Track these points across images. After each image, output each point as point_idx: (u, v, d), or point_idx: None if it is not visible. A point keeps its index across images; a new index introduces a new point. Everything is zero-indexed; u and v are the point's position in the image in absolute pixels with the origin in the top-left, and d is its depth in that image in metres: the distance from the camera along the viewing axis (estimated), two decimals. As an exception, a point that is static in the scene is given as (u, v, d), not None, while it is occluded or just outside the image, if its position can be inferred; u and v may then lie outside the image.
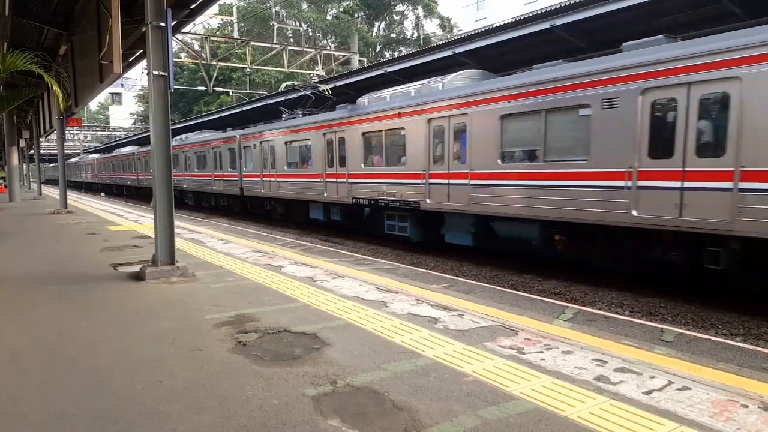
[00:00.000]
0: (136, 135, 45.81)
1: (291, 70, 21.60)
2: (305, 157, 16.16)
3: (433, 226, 11.91)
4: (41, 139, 27.21)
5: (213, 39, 20.84)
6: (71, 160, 54.97)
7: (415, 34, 48.27)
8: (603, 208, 8.06)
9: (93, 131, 59.75)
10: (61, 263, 8.27)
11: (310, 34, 46.31)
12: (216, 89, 24.78)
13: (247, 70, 29.02)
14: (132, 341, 4.38)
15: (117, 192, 39.30)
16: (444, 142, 10.92)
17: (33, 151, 33.55)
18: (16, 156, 24.87)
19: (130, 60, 14.52)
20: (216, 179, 22.19)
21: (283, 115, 18.07)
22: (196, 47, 25.28)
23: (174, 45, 11.59)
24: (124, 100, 73.68)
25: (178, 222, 9.48)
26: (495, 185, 9.85)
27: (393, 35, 49.94)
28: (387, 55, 44.88)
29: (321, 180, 15.04)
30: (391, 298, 5.86)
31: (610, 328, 5.62)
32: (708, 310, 7.28)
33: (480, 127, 10.04)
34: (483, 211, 10.19)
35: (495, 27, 13.56)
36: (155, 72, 6.73)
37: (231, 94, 32.83)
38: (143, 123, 56.91)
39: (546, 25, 10.90)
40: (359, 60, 31.55)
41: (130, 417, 3.03)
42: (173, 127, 7.34)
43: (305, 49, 23.85)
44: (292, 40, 42.19)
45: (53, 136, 23.11)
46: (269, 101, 21.52)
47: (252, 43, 21.75)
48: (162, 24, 6.70)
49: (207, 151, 22.90)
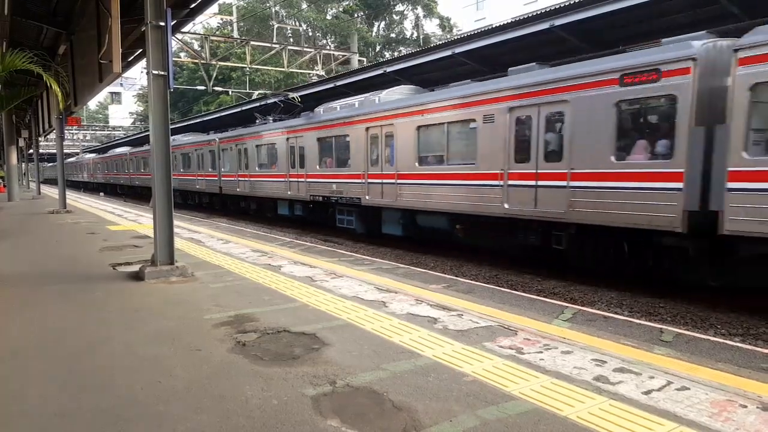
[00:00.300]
0: (134, 134, 45.73)
1: (291, 69, 21.57)
2: (273, 159, 18.10)
3: (374, 219, 13.77)
4: (40, 139, 27.15)
5: (213, 38, 20.76)
6: (70, 159, 54.87)
7: (415, 34, 48.23)
8: (486, 202, 10.04)
9: (92, 131, 59.49)
10: (61, 263, 8.27)
11: (309, 33, 46.24)
12: (215, 89, 24.73)
13: (247, 69, 28.95)
14: (131, 341, 4.38)
15: (114, 191, 39.37)
16: (378, 147, 12.98)
17: (32, 151, 33.51)
18: (15, 155, 24.87)
19: (129, 59, 14.53)
20: (199, 179, 24.23)
21: (257, 121, 19.68)
22: (195, 47, 25.15)
23: (173, 44, 11.61)
24: (123, 99, 73.45)
25: (177, 222, 9.48)
26: (414, 184, 11.86)
27: (393, 35, 49.90)
28: (387, 55, 44.82)
29: (286, 180, 17.10)
30: (391, 297, 5.86)
31: (609, 328, 5.63)
32: (707, 310, 7.29)
33: (403, 135, 12.07)
34: (407, 206, 12.21)
35: (494, 27, 13.57)
36: (155, 71, 6.73)
37: (231, 93, 32.77)
38: (142, 122, 56.83)
39: (545, 26, 10.91)
40: (359, 60, 31.44)
41: (129, 416, 3.03)
42: (171, 127, 7.35)
43: (305, 49, 23.79)
44: (291, 39, 42.09)
45: (52, 135, 23.08)
46: (244, 107, 23.29)
47: (252, 43, 21.66)
48: (161, 23, 6.70)
49: (191, 153, 24.74)
